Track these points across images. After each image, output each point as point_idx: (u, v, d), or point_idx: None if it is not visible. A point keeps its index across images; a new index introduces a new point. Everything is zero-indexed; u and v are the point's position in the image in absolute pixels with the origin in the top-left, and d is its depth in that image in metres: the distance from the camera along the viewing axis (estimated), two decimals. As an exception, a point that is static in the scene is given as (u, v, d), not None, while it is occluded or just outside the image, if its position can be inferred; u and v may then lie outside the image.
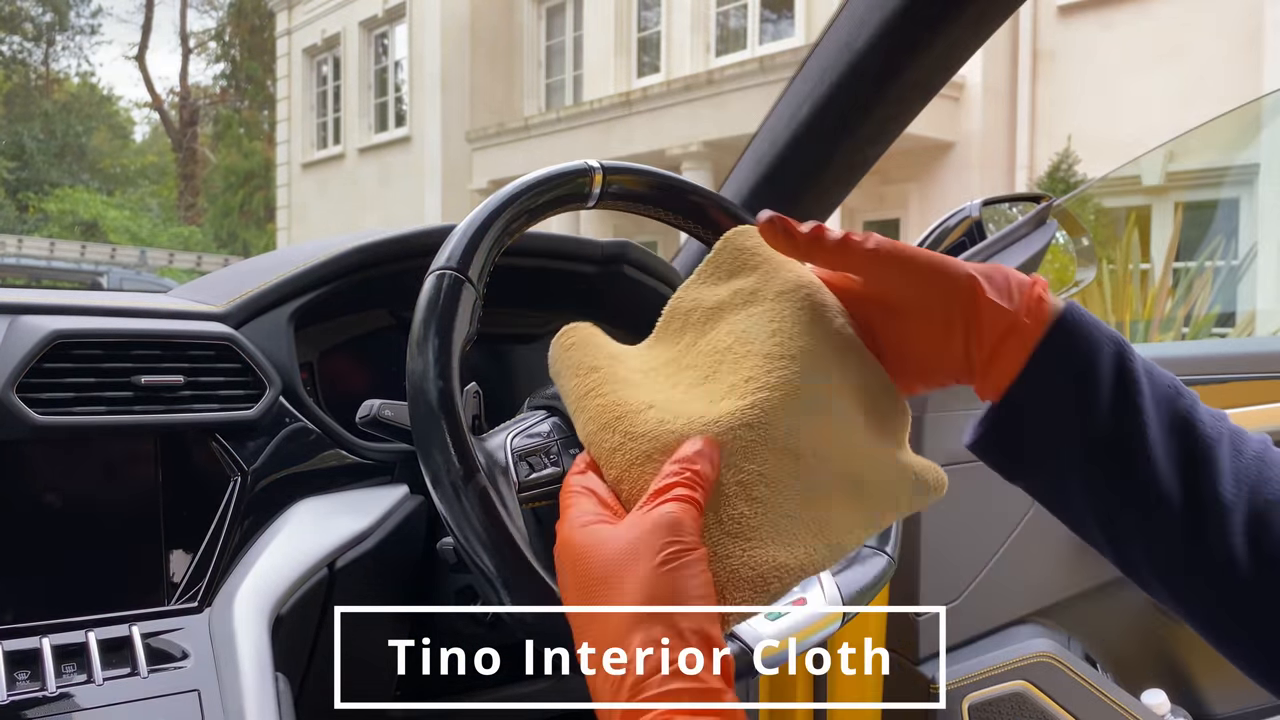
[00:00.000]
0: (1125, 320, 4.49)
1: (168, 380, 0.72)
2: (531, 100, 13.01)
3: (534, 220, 0.66)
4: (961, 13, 1.03)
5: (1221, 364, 1.36)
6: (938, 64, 1.10)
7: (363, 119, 14.71)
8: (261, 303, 0.80)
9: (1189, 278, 4.69)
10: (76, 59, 36.38)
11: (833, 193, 1.24)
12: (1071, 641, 1.30)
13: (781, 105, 1.17)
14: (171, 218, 23.90)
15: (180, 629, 0.69)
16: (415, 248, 0.82)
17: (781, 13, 10.36)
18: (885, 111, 1.14)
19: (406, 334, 0.58)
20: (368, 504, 0.77)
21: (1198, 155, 7.08)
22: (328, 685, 0.78)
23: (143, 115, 31.32)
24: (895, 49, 1.06)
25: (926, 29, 1.05)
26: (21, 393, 0.67)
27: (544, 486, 0.60)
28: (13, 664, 0.63)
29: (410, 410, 0.57)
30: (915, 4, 1.02)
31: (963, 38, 1.08)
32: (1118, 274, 4.55)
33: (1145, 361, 0.50)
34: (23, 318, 0.71)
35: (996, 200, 1.27)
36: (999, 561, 1.22)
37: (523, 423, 0.63)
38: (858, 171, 1.22)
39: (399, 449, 0.79)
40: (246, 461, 0.74)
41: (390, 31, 14.50)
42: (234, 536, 0.73)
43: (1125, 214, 7.05)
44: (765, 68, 8.60)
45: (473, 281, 0.60)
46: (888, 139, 1.19)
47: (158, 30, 52.85)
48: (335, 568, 0.73)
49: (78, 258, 10.27)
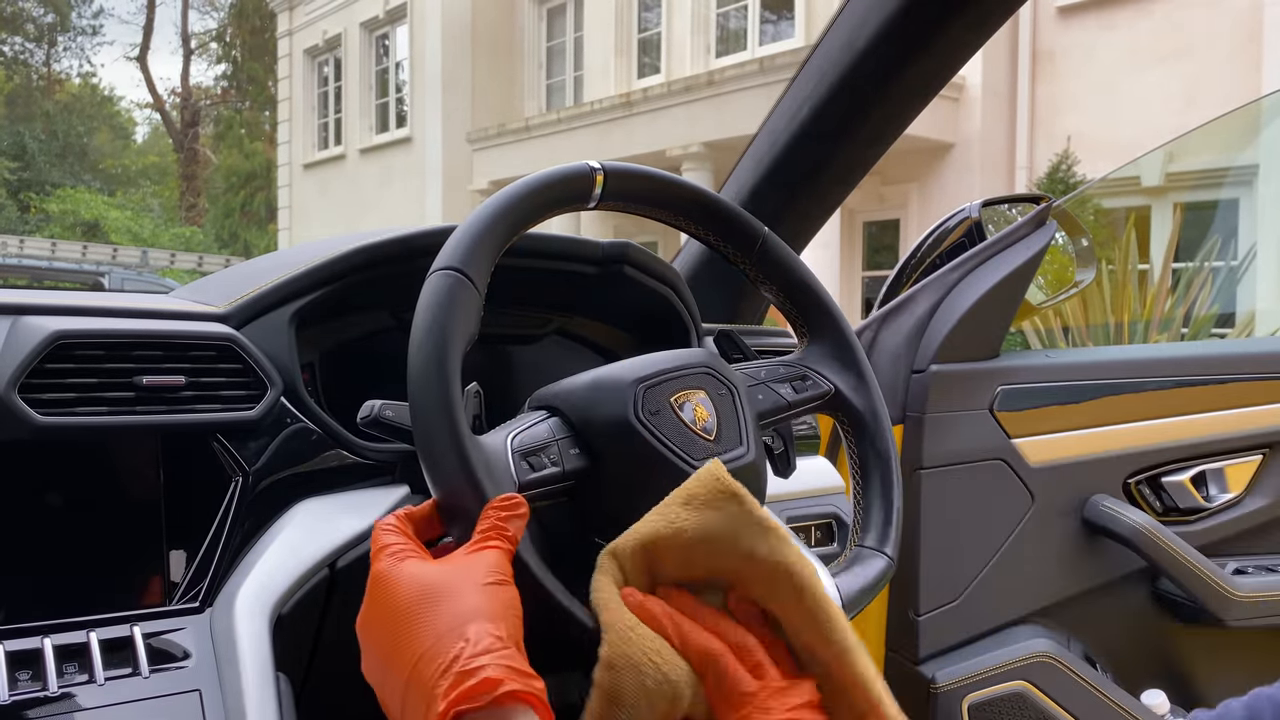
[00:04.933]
0: (1125, 321, 4.49)
1: (169, 381, 0.72)
2: (532, 101, 13.01)
3: (535, 221, 0.66)
4: (961, 14, 1.03)
5: (1221, 364, 1.36)
6: (938, 65, 1.10)
7: (364, 119, 14.71)
8: (263, 303, 0.80)
9: (1188, 278, 4.69)
10: (78, 60, 36.44)
11: (833, 193, 1.24)
12: (1071, 641, 1.30)
13: (781, 106, 1.17)
14: (173, 218, 23.90)
15: (182, 629, 0.69)
16: (416, 248, 0.82)
17: (781, 14, 10.36)
18: (885, 112, 1.14)
19: (408, 334, 0.58)
20: (369, 504, 0.77)
21: (1197, 156, 7.08)
22: (328, 685, 0.78)
23: (144, 116, 31.37)
24: (895, 50, 1.07)
25: (926, 30, 1.05)
26: (23, 393, 0.67)
27: (545, 486, 0.60)
28: (14, 664, 0.63)
29: (411, 411, 0.57)
30: (915, 5, 1.03)
31: (962, 38, 1.08)
32: (1117, 274, 4.54)
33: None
34: (24, 318, 0.72)
35: (996, 201, 1.27)
36: (999, 561, 1.22)
37: (523, 422, 0.63)
38: (858, 172, 1.22)
39: (400, 449, 0.80)
40: (248, 462, 0.74)
41: (391, 32, 14.49)
42: (235, 537, 0.73)
43: (1125, 215, 7.05)
44: (765, 69, 8.60)
45: (474, 282, 0.60)
46: (887, 140, 1.19)
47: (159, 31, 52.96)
48: (336, 568, 0.73)
49: (79, 258, 10.26)
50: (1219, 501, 1.33)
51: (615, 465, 0.62)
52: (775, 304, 0.80)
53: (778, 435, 0.80)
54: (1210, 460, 1.32)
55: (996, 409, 1.21)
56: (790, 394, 0.75)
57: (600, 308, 1.01)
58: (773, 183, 1.19)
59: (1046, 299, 1.32)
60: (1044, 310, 1.36)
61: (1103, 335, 4.50)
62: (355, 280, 0.83)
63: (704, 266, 1.26)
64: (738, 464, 0.66)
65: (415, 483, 0.79)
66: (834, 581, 0.69)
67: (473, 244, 0.61)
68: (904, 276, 1.25)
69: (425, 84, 13.25)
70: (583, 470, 0.62)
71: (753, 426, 0.69)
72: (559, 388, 0.66)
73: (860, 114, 1.13)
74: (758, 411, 0.71)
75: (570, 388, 0.65)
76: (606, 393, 0.64)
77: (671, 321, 1.00)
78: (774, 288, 0.78)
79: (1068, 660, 1.23)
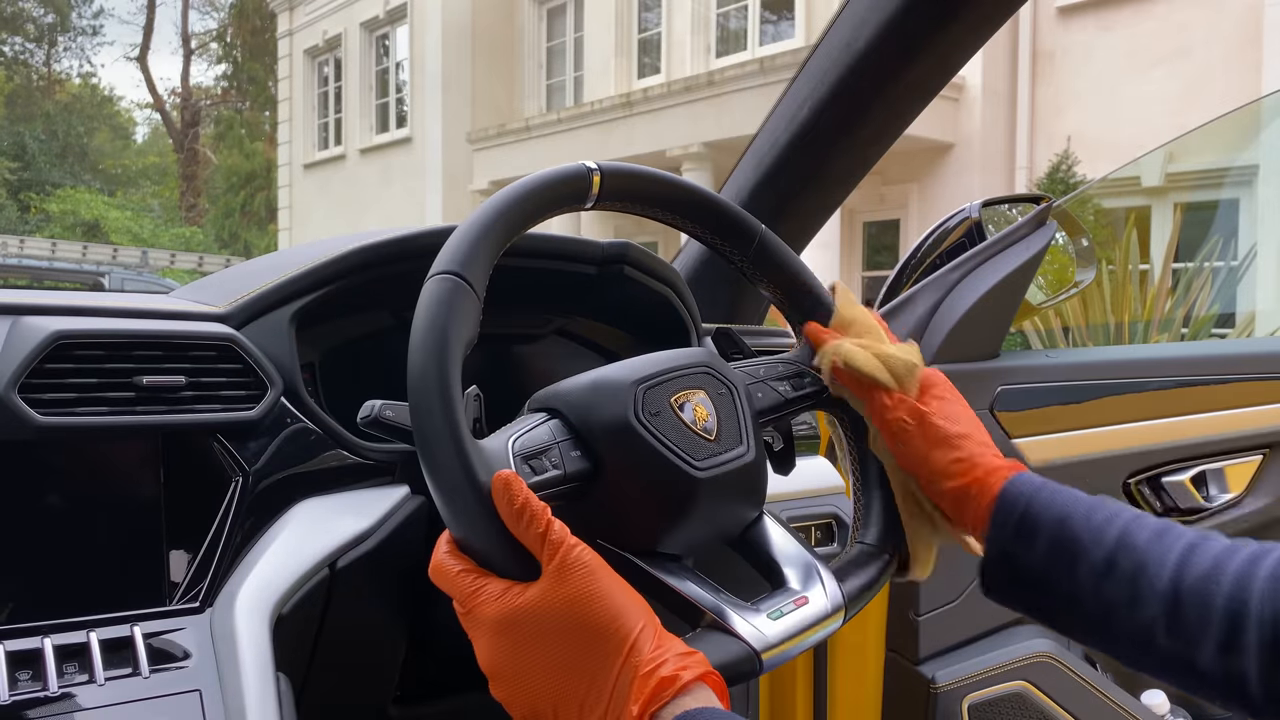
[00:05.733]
0: (1125, 321, 4.49)
1: (169, 381, 0.72)
2: (532, 101, 13.01)
3: (533, 223, 0.66)
4: (961, 14, 1.03)
5: (1221, 364, 1.36)
6: (938, 65, 1.10)
7: (364, 120, 14.72)
8: (263, 303, 0.80)
9: (1188, 278, 4.68)
10: (78, 60, 36.48)
11: (833, 193, 1.24)
12: (1071, 641, 1.30)
13: (782, 106, 1.17)
14: (173, 218, 23.91)
15: (182, 629, 0.69)
16: (416, 248, 0.82)
17: (781, 14, 10.36)
18: (885, 112, 1.14)
19: (408, 334, 0.58)
20: (369, 504, 0.77)
21: (1197, 156, 7.08)
22: (329, 685, 0.78)
23: (144, 116, 31.39)
24: (895, 50, 1.07)
25: (926, 30, 1.05)
26: (23, 394, 0.67)
27: (547, 489, 0.60)
28: (14, 664, 0.63)
29: (411, 413, 0.57)
30: (915, 5, 1.03)
31: (963, 39, 1.08)
32: (1117, 275, 4.54)
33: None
34: (25, 318, 0.71)
35: (996, 201, 1.27)
36: (999, 562, 1.22)
37: (524, 425, 0.63)
38: (858, 172, 1.22)
39: (400, 449, 0.80)
40: (248, 462, 0.75)
41: (391, 32, 14.50)
42: (235, 537, 0.73)
43: (1125, 215, 7.05)
44: (765, 69, 8.61)
45: (472, 285, 0.60)
46: (888, 140, 1.19)
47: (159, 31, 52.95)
48: (336, 568, 0.73)
49: (79, 258, 10.25)
50: (1219, 501, 1.32)
51: (616, 467, 0.62)
52: (773, 302, 0.80)
53: (777, 433, 0.80)
54: (1210, 460, 1.32)
55: (996, 409, 1.21)
56: (789, 391, 0.75)
57: (600, 308, 1.01)
58: (773, 183, 1.19)
59: (1046, 299, 1.32)
60: (1044, 310, 1.36)
61: (1103, 335, 4.50)
62: (355, 280, 0.83)
63: (704, 266, 1.26)
64: (738, 463, 0.66)
65: (415, 483, 0.79)
66: (835, 580, 0.69)
67: (471, 247, 0.61)
68: (904, 276, 1.25)
69: (425, 84, 13.26)
70: (584, 472, 0.62)
71: (753, 425, 0.69)
72: (559, 389, 0.66)
73: (860, 114, 1.13)
74: (757, 409, 0.71)
75: (570, 389, 0.65)
76: (607, 394, 0.64)
77: (671, 321, 1.00)
78: (771, 285, 0.78)
79: (1068, 660, 1.23)
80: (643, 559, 0.63)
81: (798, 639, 0.64)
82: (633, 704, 0.50)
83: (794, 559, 0.68)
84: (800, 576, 0.67)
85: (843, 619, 0.67)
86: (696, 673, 0.52)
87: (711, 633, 0.61)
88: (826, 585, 0.67)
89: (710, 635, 0.61)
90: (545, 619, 0.53)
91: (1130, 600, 0.60)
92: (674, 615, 0.62)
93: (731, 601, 0.63)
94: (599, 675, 0.52)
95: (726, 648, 0.60)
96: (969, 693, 1.17)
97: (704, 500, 0.64)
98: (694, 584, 0.63)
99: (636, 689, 0.51)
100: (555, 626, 0.53)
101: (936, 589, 1.19)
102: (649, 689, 0.50)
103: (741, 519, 0.70)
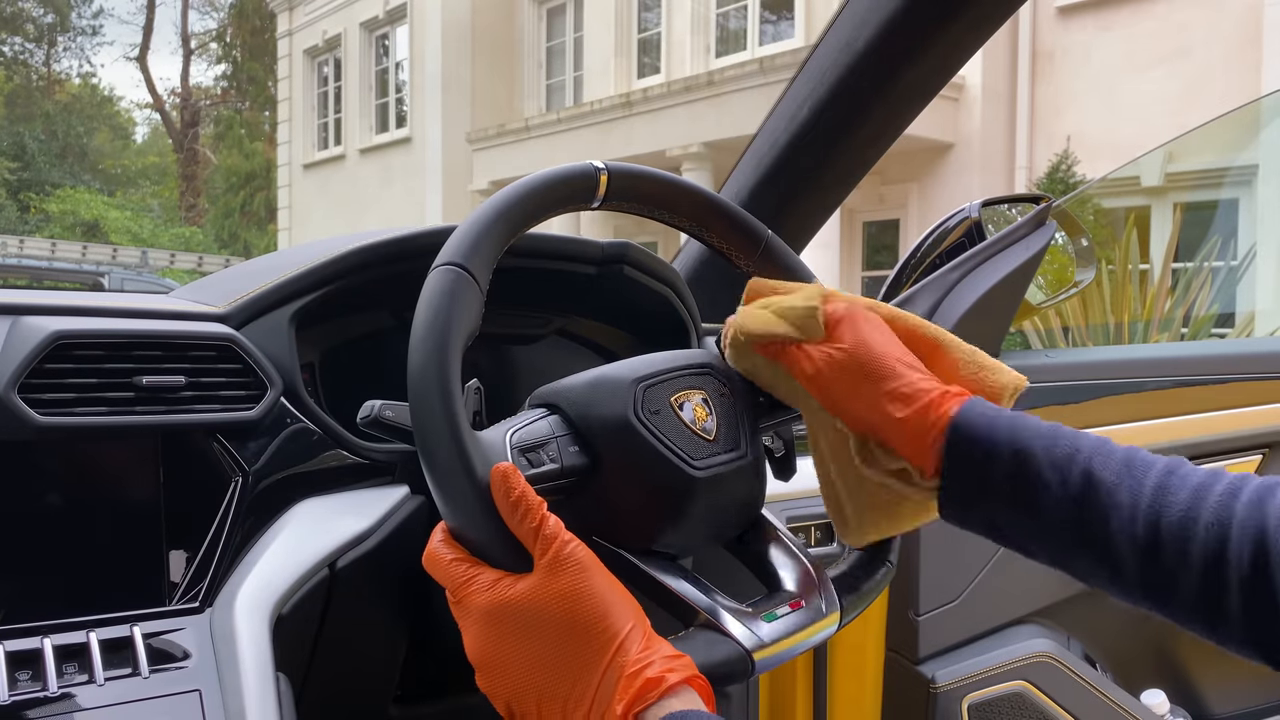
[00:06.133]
0: (1124, 321, 4.49)
1: (169, 381, 0.72)
2: (532, 101, 13.01)
3: (538, 220, 0.66)
4: (961, 14, 1.03)
5: (1221, 364, 1.36)
6: (937, 65, 1.10)
7: (364, 120, 14.71)
8: (263, 303, 0.80)
9: (1188, 278, 4.68)
10: (78, 60, 36.47)
11: (832, 193, 1.24)
12: (1071, 641, 1.30)
13: (781, 106, 1.17)
14: (173, 218, 23.91)
15: (181, 629, 0.69)
16: (416, 248, 0.82)
17: (781, 14, 10.36)
18: (885, 112, 1.14)
19: (408, 334, 0.58)
20: (369, 504, 0.77)
21: (1197, 156, 7.08)
22: (329, 685, 0.78)
23: (144, 116, 31.39)
24: (895, 50, 1.06)
25: (926, 30, 1.05)
26: (23, 394, 0.67)
27: (543, 482, 0.60)
28: (14, 664, 0.63)
29: (411, 406, 0.57)
30: (915, 5, 1.03)
31: (962, 39, 1.08)
32: (1117, 274, 4.54)
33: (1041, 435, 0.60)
34: (24, 318, 0.71)
35: (996, 201, 1.27)
36: (998, 561, 1.22)
37: (523, 419, 0.63)
38: (858, 172, 1.22)
39: (400, 449, 0.80)
40: (248, 462, 0.74)
41: (391, 32, 14.50)
42: (235, 537, 0.73)
43: (1124, 215, 7.05)
44: (765, 69, 8.61)
45: (476, 277, 0.60)
46: (887, 140, 1.19)
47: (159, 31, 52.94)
48: (336, 568, 0.73)
49: (79, 258, 10.24)
50: (1219, 501, 1.32)
51: (614, 464, 0.62)
52: None
53: (779, 438, 0.80)
54: (1210, 460, 1.32)
55: (996, 409, 1.21)
56: None
57: (600, 308, 1.01)
58: (772, 183, 1.18)
59: (1046, 299, 1.32)
60: (1044, 310, 1.36)
61: (1103, 335, 4.50)
62: (355, 280, 0.83)
63: (704, 266, 1.26)
64: (736, 465, 0.66)
65: (415, 483, 0.79)
66: (833, 582, 0.69)
67: (475, 240, 0.61)
68: (904, 276, 1.25)
69: (425, 84, 13.26)
70: (582, 468, 0.62)
71: (752, 427, 0.69)
72: (559, 386, 0.66)
73: (860, 114, 1.13)
74: (758, 413, 0.71)
75: (570, 386, 0.65)
76: (607, 392, 0.64)
77: (672, 322, 1.00)
78: None
79: (1068, 660, 1.23)
80: (638, 557, 0.63)
81: (791, 642, 0.64)
82: (617, 703, 0.50)
83: (790, 562, 0.68)
84: (796, 580, 0.67)
85: (838, 624, 0.67)
86: (683, 675, 0.52)
87: (704, 632, 0.61)
88: (823, 589, 0.67)
89: (703, 635, 0.61)
90: (534, 612, 0.53)
91: (1104, 540, 0.57)
92: (668, 614, 0.62)
93: (726, 602, 0.63)
94: (585, 672, 0.52)
95: (719, 648, 0.60)
96: (969, 692, 1.17)
97: (701, 500, 0.64)
98: (689, 583, 0.63)
99: (622, 688, 0.51)
100: (544, 620, 0.53)
101: (936, 589, 1.19)
102: (634, 689, 0.50)
103: (738, 520, 0.70)
